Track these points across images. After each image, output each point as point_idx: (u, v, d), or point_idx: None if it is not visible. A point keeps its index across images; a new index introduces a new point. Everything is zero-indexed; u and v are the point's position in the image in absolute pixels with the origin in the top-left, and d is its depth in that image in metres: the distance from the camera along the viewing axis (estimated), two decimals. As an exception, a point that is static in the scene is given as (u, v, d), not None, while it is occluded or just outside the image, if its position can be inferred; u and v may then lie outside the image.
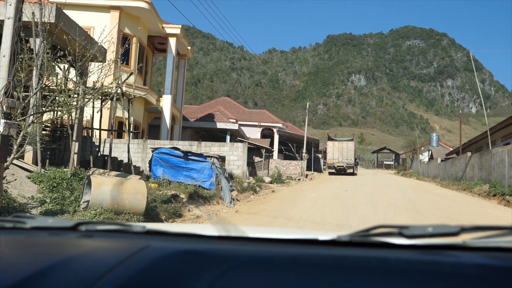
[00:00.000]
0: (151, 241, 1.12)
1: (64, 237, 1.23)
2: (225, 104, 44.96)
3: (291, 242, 1.13)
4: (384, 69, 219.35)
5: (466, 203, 14.57)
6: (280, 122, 42.47)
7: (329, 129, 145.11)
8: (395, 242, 1.02)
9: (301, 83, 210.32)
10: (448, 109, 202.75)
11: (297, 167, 34.92)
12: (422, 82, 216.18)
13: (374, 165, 75.10)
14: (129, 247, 1.04)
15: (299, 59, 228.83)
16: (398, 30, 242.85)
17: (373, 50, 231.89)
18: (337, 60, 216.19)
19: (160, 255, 0.97)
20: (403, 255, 0.96)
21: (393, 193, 17.50)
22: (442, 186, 27.18)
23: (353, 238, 1.06)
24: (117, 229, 1.26)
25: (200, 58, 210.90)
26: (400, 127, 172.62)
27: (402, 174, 46.99)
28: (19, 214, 1.42)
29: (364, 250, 1.02)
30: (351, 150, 35.65)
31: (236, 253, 1.00)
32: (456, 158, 28.78)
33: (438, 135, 48.91)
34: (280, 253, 1.01)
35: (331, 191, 17.63)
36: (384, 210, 11.45)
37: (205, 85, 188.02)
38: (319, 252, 1.02)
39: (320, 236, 1.11)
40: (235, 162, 17.94)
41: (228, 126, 26.98)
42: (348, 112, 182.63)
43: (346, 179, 28.84)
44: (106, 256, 1.01)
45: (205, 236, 1.19)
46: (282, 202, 13.37)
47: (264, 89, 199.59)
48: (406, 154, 54.06)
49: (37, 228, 1.29)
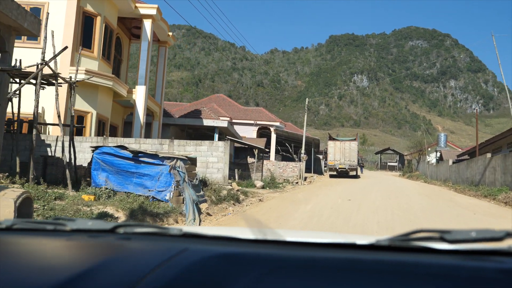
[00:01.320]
0: (189, 244, 1.11)
1: (103, 239, 1.23)
2: (219, 101, 41.70)
3: (328, 246, 1.09)
4: (386, 69, 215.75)
5: (504, 218, 11.22)
6: (277, 121, 39.15)
7: (331, 129, 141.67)
8: (436, 247, 0.98)
9: (303, 83, 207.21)
10: (451, 110, 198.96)
11: (295, 169, 31.61)
12: (425, 82, 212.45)
13: (378, 167, 71.63)
14: (167, 250, 1.04)
15: (301, 59, 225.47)
16: (401, 30, 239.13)
17: (376, 51, 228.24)
18: (340, 60, 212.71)
19: (198, 258, 0.97)
20: (445, 261, 0.92)
21: (407, 203, 14.17)
22: (456, 191, 23.81)
23: (393, 243, 1.02)
24: (154, 231, 1.25)
25: (201, 58, 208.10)
26: (402, 127, 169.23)
27: (408, 176, 43.59)
28: (60, 217, 1.43)
29: (404, 255, 0.98)
30: (353, 151, 32.25)
31: (273, 257, 0.99)
32: (472, 160, 25.40)
33: (446, 134, 45.40)
34: (317, 257, 1.00)
35: (331, 200, 14.30)
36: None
37: (206, 85, 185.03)
38: (357, 256, 0.99)
39: (358, 240, 1.08)
40: (214, 165, 14.64)
41: (216, 123, 23.72)
42: (350, 113, 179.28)
43: (349, 183, 25.52)
44: (145, 258, 1.00)
45: (242, 239, 1.17)
46: (266, 217, 10.06)
47: (266, 90, 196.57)
48: (412, 155, 50.62)
49: (77, 230, 1.30)
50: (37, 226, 1.35)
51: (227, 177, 14.70)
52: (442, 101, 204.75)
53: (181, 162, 10.22)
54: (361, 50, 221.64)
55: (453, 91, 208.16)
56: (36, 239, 1.26)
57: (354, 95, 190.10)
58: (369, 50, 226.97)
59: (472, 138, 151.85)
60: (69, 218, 1.39)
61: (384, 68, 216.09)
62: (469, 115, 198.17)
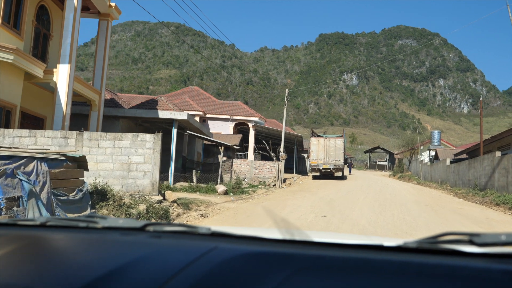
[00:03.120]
0: (217, 243, 1.11)
1: (134, 237, 1.24)
2: (193, 94, 37.46)
3: (356, 248, 1.08)
4: (376, 68, 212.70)
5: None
6: (256, 115, 35.00)
7: (320, 128, 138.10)
8: (465, 250, 0.96)
9: (292, 82, 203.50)
10: (440, 109, 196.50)
11: (273, 170, 27.53)
12: (414, 81, 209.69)
13: (367, 166, 67.84)
14: (197, 248, 1.05)
15: (290, 58, 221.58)
16: (391, 29, 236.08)
17: (365, 49, 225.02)
18: (329, 59, 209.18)
19: (228, 256, 0.98)
20: (474, 264, 0.90)
21: (406, 219, 10.07)
22: (457, 196, 19.90)
23: (421, 245, 1.01)
24: (183, 230, 1.27)
25: (190, 56, 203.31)
26: (392, 126, 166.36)
27: (399, 177, 39.71)
28: (92, 214, 1.40)
29: (432, 257, 0.96)
30: (339, 149, 28.20)
31: (301, 257, 0.99)
32: (475, 160, 21.50)
33: (440, 131, 41.61)
34: (345, 258, 0.99)
35: (299, 217, 10.14)
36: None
37: (195, 83, 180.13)
38: (384, 258, 0.97)
39: (386, 242, 1.07)
40: (139, 166, 10.47)
41: (174, 115, 19.54)
42: (339, 112, 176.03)
43: (332, 187, 21.49)
44: (175, 256, 1.02)
45: (270, 239, 1.17)
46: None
47: (255, 88, 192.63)
48: (403, 154, 46.82)
49: (109, 228, 1.32)
50: (70, 224, 1.37)
51: (157, 183, 10.55)
52: (431, 100, 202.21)
53: (42, 164, 6.05)
54: (350, 48, 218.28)
55: (442, 90, 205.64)
56: (69, 236, 1.27)
57: (344, 94, 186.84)
58: (358, 49, 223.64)
59: (461, 138, 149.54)
60: (101, 216, 1.42)
61: (374, 67, 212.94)
62: (458, 114, 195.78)
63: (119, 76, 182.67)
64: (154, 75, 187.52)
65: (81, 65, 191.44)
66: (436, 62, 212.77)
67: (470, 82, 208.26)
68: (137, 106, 20.95)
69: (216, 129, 34.66)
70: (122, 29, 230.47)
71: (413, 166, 41.12)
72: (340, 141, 28.58)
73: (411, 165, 42.77)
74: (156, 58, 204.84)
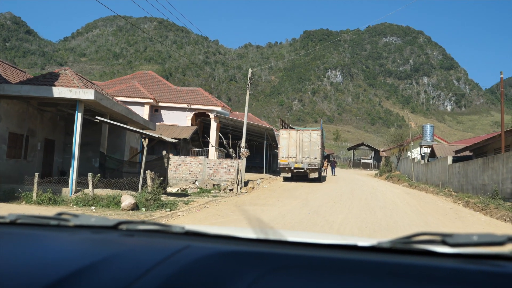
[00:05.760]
0: (191, 241, 1.09)
1: (106, 235, 1.22)
2: (145, 79, 31.02)
3: (330, 247, 1.07)
4: (360, 65, 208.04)
5: None
6: (219, 104, 28.79)
7: (304, 125, 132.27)
8: (438, 250, 0.96)
9: (276, 78, 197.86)
10: (424, 106, 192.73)
11: (231, 170, 21.41)
12: (398, 79, 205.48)
13: (350, 164, 62.18)
14: (169, 247, 1.03)
15: (275, 54, 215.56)
16: (375, 27, 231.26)
17: (350, 47, 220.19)
18: (314, 55, 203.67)
19: (200, 255, 0.96)
20: (446, 264, 0.90)
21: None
22: (474, 209, 14.07)
23: (394, 245, 1.00)
24: (157, 229, 1.24)
25: (172, 52, 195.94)
26: (376, 124, 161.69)
27: (387, 177, 33.90)
28: (63, 212, 1.40)
29: (405, 257, 0.96)
30: (316, 144, 22.13)
31: (275, 256, 0.98)
32: (495, 158, 15.66)
33: (433, 126, 36.01)
34: (318, 257, 0.98)
35: None
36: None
37: (177, 79, 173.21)
38: (358, 258, 0.96)
39: (360, 242, 1.06)
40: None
41: (77, 94, 13.31)
42: (323, 109, 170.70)
43: (302, 195, 15.43)
44: (147, 255, 1.00)
45: (244, 238, 1.15)
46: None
47: (239, 84, 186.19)
48: (391, 151, 41.11)
49: (80, 226, 1.29)
50: (41, 221, 1.32)
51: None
52: (415, 98, 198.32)
53: None
54: (335, 46, 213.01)
55: (426, 88, 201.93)
56: (39, 234, 1.23)
57: (328, 91, 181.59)
58: (343, 46, 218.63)
59: (445, 135, 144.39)
60: (73, 214, 1.37)
61: (358, 64, 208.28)
62: (441, 112, 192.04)
63: (99, 71, 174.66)
64: (136, 70, 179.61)
65: (60, 60, 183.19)
66: (420, 60, 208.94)
67: (453, 80, 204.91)
68: (27, 81, 14.57)
69: (171, 120, 28.38)
70: (103, 24, 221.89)
71: (403, 164, 35.40)
72: (317, 134, 22.49)
73: (400, 164, 37.05)
74: (138, 53, 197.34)
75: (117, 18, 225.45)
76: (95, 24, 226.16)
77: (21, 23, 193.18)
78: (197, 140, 27.89)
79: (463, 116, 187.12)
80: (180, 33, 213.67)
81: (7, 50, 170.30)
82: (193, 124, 28.84)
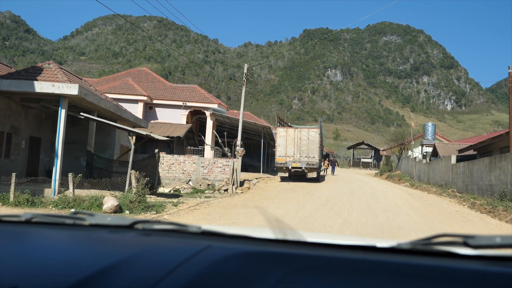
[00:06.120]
0: (210, 241, 1.08)
1: (123, 235, 1.21)
2: (140, 76, 30.17)
3: (349, 248, 1.05)
4: (360, 64, 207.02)
5: None
6: (215, 102, 27.96)
7: (304, 124, 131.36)
8: (459, 251, 0.94)
9: (276, 77, 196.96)
10: (424, 106, 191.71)
11: (227, 169, 20.58)
12: (398, 78, 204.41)
13: (350, 163, 61.34)
14: (189, 247, 1.02)
15: (274, 53, 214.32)
16: (375, 25, 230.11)
17: (350, 45, 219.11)
18: (313, 54, 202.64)
19: (222, 256, 0.95)
20: (468, 266, 0.89)
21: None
22: (481, 211, 13.25)
23: (415, 246, 0.98)
24: (173, 228, 1.22)
25: (172, 51, 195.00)
26: (376, 123, 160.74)
27: (388, 176, 33.07)
28: (78, 211, 1.39)
29: (426, 258, 0.94)
30: (314, 143, 21.30)
31: (295, 257, 0.97)
32: (503, 157, 14.81)
33: (435, 124, 35.14)
34: (338, 258, 0.97)
35: None
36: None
37: (176, 78, 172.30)
38: (378, 259, 0.95)
39: (379, 243, 1.04)
40: None
41: (60, 89, 12.48)
42: (323, 108, 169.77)
43: (298, 197, 14.58)
44: (168, 255, 0.99)
45: (263, 239, 1.13)
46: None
47: (238, 83, 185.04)
48: (391, 150, 40.29)
49: (96, 225, 1.27)
50: (57, 220, 1.30)
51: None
52: (415, 97, 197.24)
53: None
54: (335, 44, 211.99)
55: (426, 87, 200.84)
56: (56, 233, 1.23)
57: (328, 90, 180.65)
58: (343, 45, 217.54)
59: (445, 134, 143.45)
60: (88, 213, 1.35)
61: (358, 63, 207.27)
62: (441, 111, 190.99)
63: (99, 70, 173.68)
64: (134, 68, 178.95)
65: (59, 58, 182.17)
66: (420, 58, 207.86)
67: (453, 79, 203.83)
68: (7, 75, 13.73)
69: (166, 118, 27.56)
70: (103, 23, 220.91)
71: (403, 164, 34.56)
72: (315, 132, 21.65)
73: (400, 163, 36.21)
74: (138, 52, 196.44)
75: (117, 17, 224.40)
76: (95, 23, 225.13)
77: (20, 21, 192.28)
78: (192, 138, 27.06)
79: (463, 115, 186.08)
80: (180, 32, 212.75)
81: (6, 49, 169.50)
82: (188, 122, 28.02)
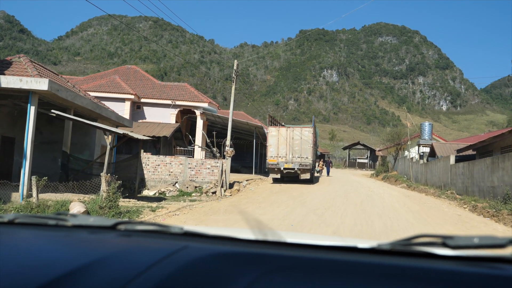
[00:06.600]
0: (189, 242, 1.08)
1: (103, 235, 1.21)
2: (128, 74, 29.04)
3: (329, 249, 1.05)
4: (356, 65, 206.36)
5: None
6: (205, 101, 26.91)
7: (300, 125, 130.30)
8: (438, 252, 0.94)
9: (272, 78, 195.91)
10: (419, 106, 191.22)
11: (215, 170, 19.53)
12: (394, 78, 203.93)
13: (346, 164, 60.39)
14: (167, 247, 1.02)
15: (270, 54, 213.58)
16: (371, 26, 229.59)
17: (346, 46, 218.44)
18: (309, 55, 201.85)
19: (198, 256, 0.95)
20: (447, 266, 0.89)
21: None
22: (484, 215, 12.27)
23: (394, 247, 0.99)
24: (155, 229, 1.22)
25: (168, 51, 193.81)
26: (372, 124, 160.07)
27: (384, 177, 32.14)
28: (61, 212, 1.40)
29: (405, 259, 0.94)
30: (307, 142, 20.29)
31: (273, 258, 0.97)
32: (504, 157, 13.84)
33: (432, 124, 34.25)
34: (318, 259, 0.97)
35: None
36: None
37: (172, 78, 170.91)
38: (358, 259, 0.95)
39: (360, 244, 1.04)
40: None
41: (28, 84, 11.42)
42: (319, 108, 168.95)
43: (288, 200, 13.53)
44: (144, 255, 0.99)
45: (243, 239, 1.14)
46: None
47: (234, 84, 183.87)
48: (387, 150, 39.33)
49: (78, 226, 1.27)
50: (39, 221, 1.30)
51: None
52: (410, 98, 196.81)
53: None
54: (331, 45, 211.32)
55: (421, 87, 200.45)
56: (37, 234, 1.22)
57: (324, 90, 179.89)
58: (339, 45, 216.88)
59: (441, 135, 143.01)
60: (71, 214, 1.34)
61: (354, 64, 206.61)
62: (437, 111, 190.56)
63: (94, 71, 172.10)
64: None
65: (54, 59, 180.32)
66: (416, 59, 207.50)
67: (449, 79, 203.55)
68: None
69: (155, 117, 26.46)
70: (98, 23, 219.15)
71: (400, 164, 33.62)
72: (309, 131, 20.63)
73: (397, 163, 35.27)
74: (133, 52, 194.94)
75: (112, 17, 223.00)
76: (90, 23, 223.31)
77: (14, 21, 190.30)
78: (181, 138, 25.98)
79: (459, 115, 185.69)
80: (176, 32, 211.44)
81: (0, 49, 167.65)
82: (178, 121, 26.94)
